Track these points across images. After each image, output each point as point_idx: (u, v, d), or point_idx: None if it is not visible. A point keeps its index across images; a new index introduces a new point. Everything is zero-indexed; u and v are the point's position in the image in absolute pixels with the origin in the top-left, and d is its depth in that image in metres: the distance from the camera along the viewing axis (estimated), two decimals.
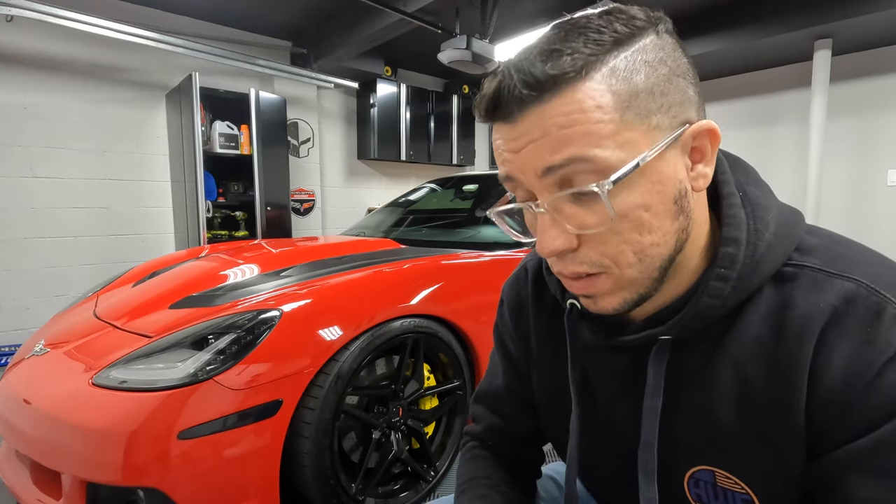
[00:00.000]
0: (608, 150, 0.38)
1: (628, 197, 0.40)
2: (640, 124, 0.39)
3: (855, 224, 4.00)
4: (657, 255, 0.42)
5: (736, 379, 0.44)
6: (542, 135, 0.39)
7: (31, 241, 3.09)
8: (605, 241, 0.41)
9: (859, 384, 0.38)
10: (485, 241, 2.16)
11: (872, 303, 0.39)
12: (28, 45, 2.98)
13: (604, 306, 0.45)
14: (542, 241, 0.42)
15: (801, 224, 0.47)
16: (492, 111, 0.42)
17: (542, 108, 0.39)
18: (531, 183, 0.42)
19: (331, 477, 1.30)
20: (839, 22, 3.19)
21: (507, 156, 0.42)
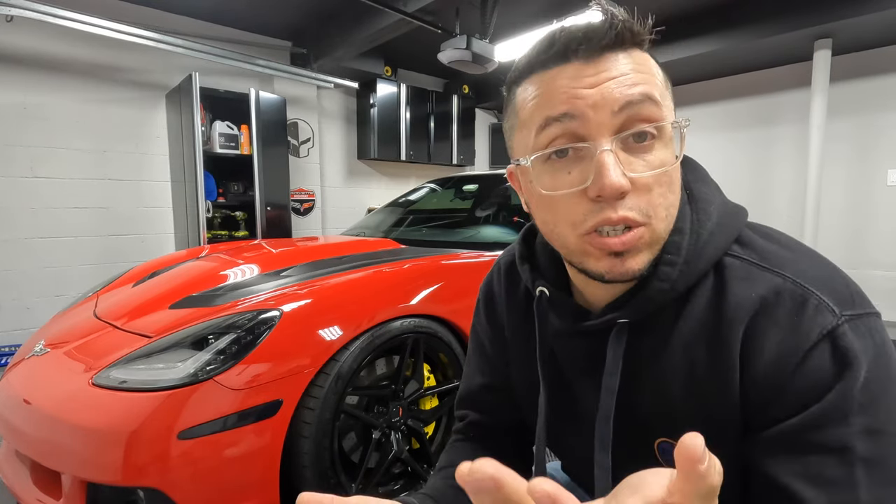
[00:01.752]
0: (665, 107, 0.45)
1: (668, 153, 0.45)
2: (670, 104, 0.47)
3: (855, 224, 4.00)
4: (673, 217, 0.47)
5: (685, 359, 0.48)
6: (621, 74, 0.43)
7: (31, 241, 3.09)
8: (649, 191, 0.44)
9: (787, 368, 0.42)
10: (485, 241, 2.16)
11: (797, 295, 0.43)
12: (28, 45, 2.98)
13: (631, 266, 0.45)
14: (609, 177, 0.42)
15: (743, 218, 0.51)
16: (576, 44, 0.44)
17: (622, 54, 0.44)
18: (599, 120, 0.43)
19: (331, 477, 1.30)
20: (839, 22, 3.19)
21: (577, 92, 0.44)
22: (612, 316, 0.50)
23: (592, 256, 0.47)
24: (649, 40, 0.46)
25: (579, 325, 0.53)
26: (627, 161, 0.44)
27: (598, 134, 0.43)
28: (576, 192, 0.45)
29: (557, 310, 0.56)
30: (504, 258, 0.69)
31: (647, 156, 0.44)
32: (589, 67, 0.44)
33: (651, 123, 0.44)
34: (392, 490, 1.51)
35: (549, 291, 0.55)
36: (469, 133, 5.25)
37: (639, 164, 0.44)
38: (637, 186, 0.44)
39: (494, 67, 3.23)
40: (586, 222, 0.45)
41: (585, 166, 0.44)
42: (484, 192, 2.58)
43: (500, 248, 1.97)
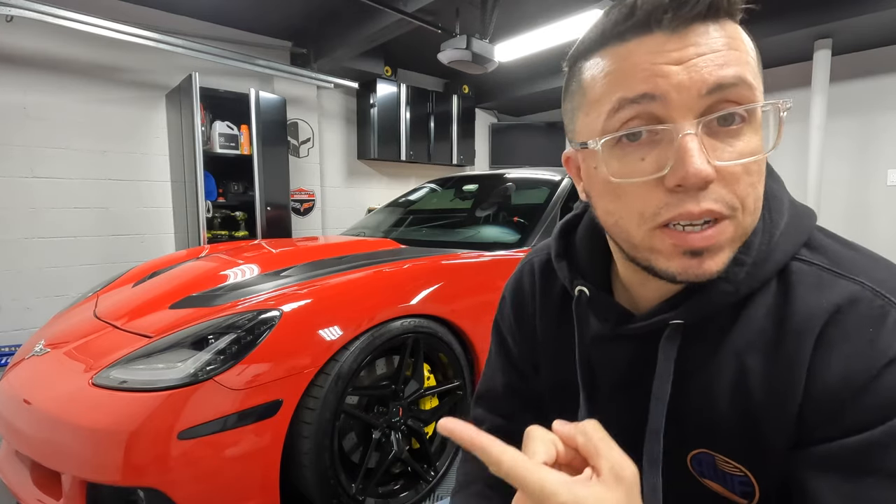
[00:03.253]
0: (757, 87, 0.39)
1: (758, 140, 0.40)
2: (761, 84, 0.41)
3: (855, 224, 4.00)
4: (759, 211, 0.42)
5: (737, 368, 0.44)
6: (712, 51, 0.38)
7: (31, 241, 3.09)
8: (738, 180, 0.39)
9: (856, 383, 0.38)
10: (485, 241, 2.16)
11: (876, 306, 0.39)
12: (28, 45, 2.98)
13: (710, 267, 0.40)
14: (693, 164, 0.37)
15: (813, 219, 0.47)
16: (661, 12, 0.38)
17: (713, 26, 0.39)
18: (684, 101, 0.38)
19: (331, 477, 1.30)
20: (839, 22, 3.18)
21: (660, 69, 0.38)
22: (663, 317, 0.45)
23: (662, 254, 0.41)
24: (744, 12, 0.40)
25: (623, 328, 0.49)
26: (713, 147, 0.39)
27: (680, 117, 0.38)
28: (649, 181, 0.40)
29: (598, 311, 0.52)
30: (538, 256, 0.64)
31: (736, 141, 0.39)
32: (675, 40, 0.38)
33: (742, 105, 0.38)
34: (392, 490, 1.51)
35: (589, 291, 0.52)
36: (469, 133, 5.25)
37: (725, 150, 0.39)
38: (723, 175, 0.39)
39: (494, 67, 3.23)
40: (660, 215, 0.40)
41: (662, 152, 0.39)
42: (484, 192, 2.58)
43: (501, 248, 1.97)
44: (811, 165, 3.68)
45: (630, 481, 0.34)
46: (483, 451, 0.34)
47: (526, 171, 2.57)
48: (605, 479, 0.34)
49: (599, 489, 0.33)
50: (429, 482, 1.56)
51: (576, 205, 0.62)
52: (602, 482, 0.34)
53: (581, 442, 0.36)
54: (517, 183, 2.49)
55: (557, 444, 0.37)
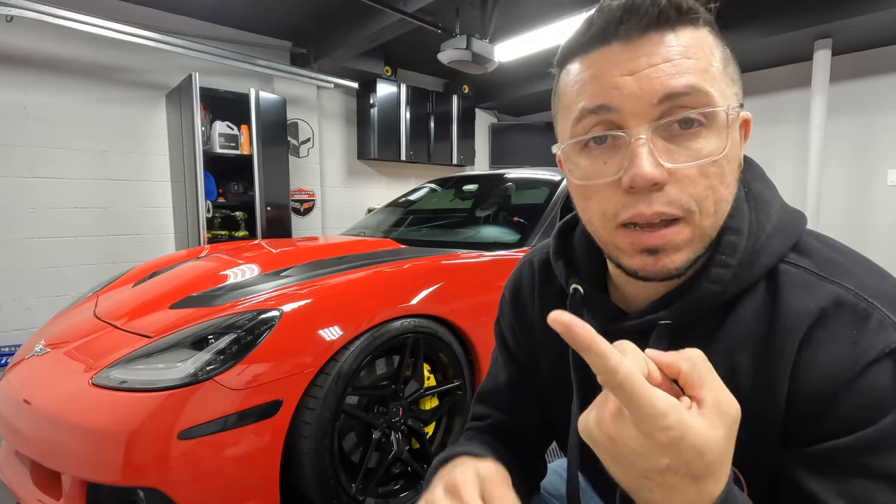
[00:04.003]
0: (717, 94, 0.41)
1: (720, 143, 0.41)
2: (730, 85, 0.43)
3: (854, 224, 4.00)
4: (724, 212, 0.44)
5: (727, 366, 0.45)
6: (664, 60, 0.40)
7: (31, 241, 3.09)
8: (693, 183, 0.41)
9: (841, 381, 0.39)
10: (485, 241, 2.16)
11: (860, 308, 0.40)
12: (28, 45, 2.98)
13: (667, 264, 0.43)
14: (640, 168, 0.40)
15: (802, 223, 0.48)
16: (614, 25, 0.41)
17: (668, 34, 0.40)
18: (636, 110, 0.40)
19: (331, 477, 1.30)
20: (839, 22, 3.18)
21: (614, 80, 0.41)
22: (653, 316, 0.47)
23: (625, 252, 0.44)
24: (704, 17, 0.41)
25: (616, 326, 0.50)
26: (668, 150, 0.41)
27: (634, 124, 0.41)
28: (610, 183, 0.42)
29: (592, 309, 0.53)
30: (538, 255, 0.66)
31: (693, 144, 0.41)
32: (629, 50, 0.40)
33: (688, 111, 0.40)
34: (392, 490, 1.51)
35: (583, 289, 0.53)
36: (469, 133, 5.25)
37: (682, 153, 0.41)
38: (678, 177, 0.41)
39: (494, 67, 3.23)
40: (618, 216, 0.43)
41: (621, 156, 0.42)
42: (484, 192, 2.58)
43: (501, 248, 1.97)
44: (811, 165, 3.68)
45: (733, 419, 0.32)
46: (601, 355, 0.30)
47: (526, 171, 2.56)
48: (709, 411, 0.31)
49: (704, 422, 0.31)
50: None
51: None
52: (706, 414, 0.31)
53: (686, 368, 0.33)
54: (517, 183, 2.49)
55: (649, 363, 0.33)
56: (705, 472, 0.31)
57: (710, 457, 0.30)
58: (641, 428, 0.30)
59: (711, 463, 0.31)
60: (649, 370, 0.33)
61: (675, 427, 0.29)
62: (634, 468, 0.32)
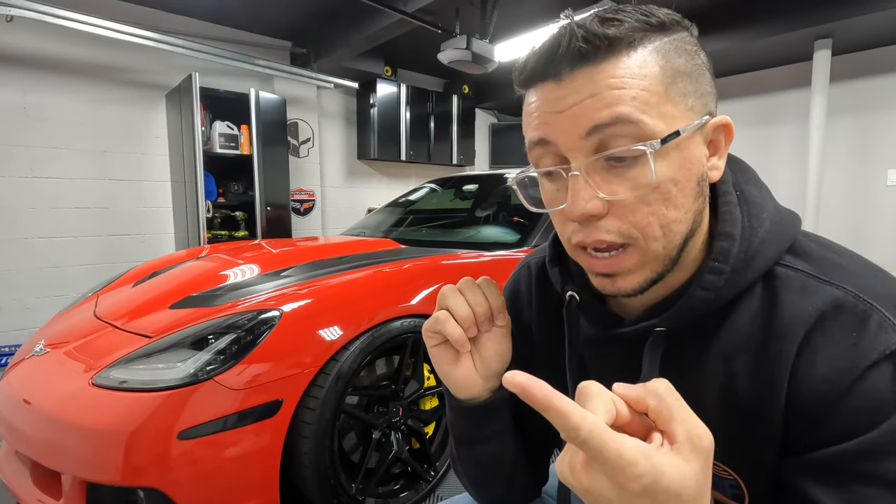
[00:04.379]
0: (652, 119, 0.40)
1: (661, 168, 0.41)
2: (679, 102, 0.42)
3: (854, 224, 4.00)
4: (678, 232, 0.44)
5: (724, 372, 0.45)
6: (591, 95, 0.40)
7: (31, 241, 3.09)
8: (633, 211, 0.42)
9: (842, 384, 0.38)
10: (485, 241, 2.16)
11: (859, 311, 0.40)
12: (28, 45, 2.98)
13: (622, 286, 0.44)
14: (574, 203, 0.42)
15: (797, 226, 0.48)
16: (543, 66, 0.42)
17: (594, 68, 0.40)
18: (569, 144, 0.42)
19: (331, 477, 1.30)
20: (839, 22, 3.19)
21: (547, 117, 0.42)
22: (647, 324, 0.47)
23: (588, 271, 0.47)
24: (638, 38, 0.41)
25: (611, 332, 0.50)
26: (606, 181, 0.41)
27: (571, 157, 0.42)
28: (561, 210, 0.44)
29: (588, 315, 0.53)
30: (535, 259, 0.66)
31: (630, 173, 0.41)
32: (559, 88, 0.42)
33: (618, 148, 0.40)
34: (392, 490, 1.51)
35: (579, 296, 0.53)
36: (469, 133, 5.25)
37: (619, 184, 0.41)
38: (617, 207, 0.42)
39: (494, 67, 3.23)
40: (571, 240, 0.45)
41: (565, 186, 0.43)
42: (484, 192, 2.58)
43: (501, 248, 1.97)
44: (811, 165, 3.68)
45: (707, 450, 0.31)
46: (561, 414, 0.29)
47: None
48: (682, 447, 0.30)
49: (677, 460, 0.30)
50: (429, 482, 1.56)
51: None
52: (679, 451, 0.30)
53: (653, 405, 0.32)
54: None
55: (617, 402, 0.33)
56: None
57: (687, 496, 0.30)
58: (613, 479, 0.29)
59: (689, 500, 0.30)
60: (617, 409, 0.32)
61: (647, 474, 0.29)
62: None
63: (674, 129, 0.40)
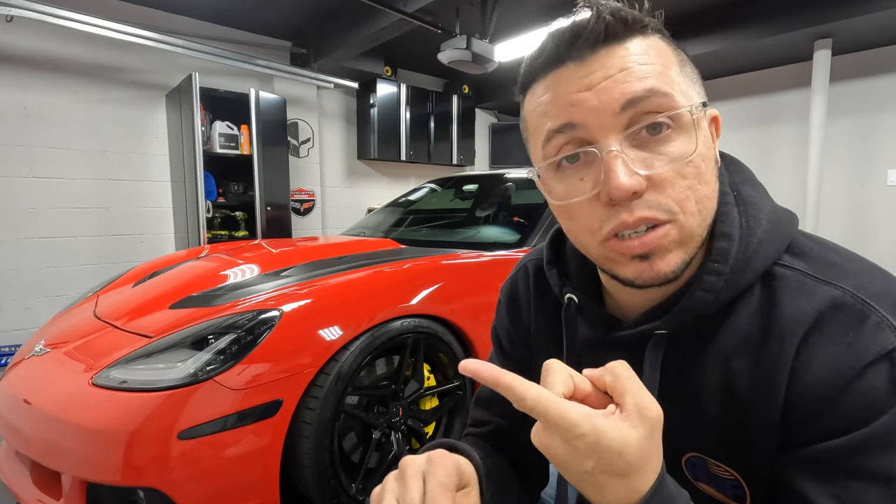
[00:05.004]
0: (678, 94, 0.41)
1: (690, 143, 0.42)
2: (692, 85, 0.44)
3: (855, 224, 4.00)
4: (710, 210, 0.44)
5: (723, 373, 0.45)
6: (620, 70, 0.41)
7: (31, 241, 3.09)
8: (672, 184, 0.41)
9: (838, 384, 0.39)
10: (485, 241, 2.16)
11: (857, 310, 0.40)
12: (28, 45, 2.98)
13: (661, 269, 0.43)
14: (616, 180, 0.40)
15: (794, 225, 0.48)
16: (565, 47, 0.42)
17: (619, 46, 0.41)
18: (601, 123, 0.41)
19: (331, 477, 1.30)
20: (839, 22, 3.18)
21: (573, 98, 0.42)
22: (647, 326, 0.47)
23: (617, 263, 0.44)
24: (652, 25, 0.43)
25: (611, 336, 0.50)
26: (641, 158, 0.41)
27: (602, 136, 0.41)
28: (590, 198, 0.43)
29: (587, 318, 0.53)
30: (532, 260, 0.65)
31: (665, 147, 0.41)
32: (583, 67, 0.41)
33: (657, 115, 0.40)
34: None
35: (577, 299, 0.53)
36: (469, 133, 5.25)
37: (655, 158, 0.41)
38: (655, 182, 0.41)
39: (494, 67, 3.23)
40: (603, 228, 0.43)
41: (596, 170, 0.42)
42: (484, 192, 2.58)
43: (501, 248, 1.97)
44: (811, 165, 3.68)
45: (654, 420, 0.34)
46: (508, 388, 0.34)
47: (526, 172, 2.56)
48: (629, 414, 0.33)
49: (622, 424, 0.33)
50: None
51: None
52: (625, 417, 0.33)
53: (609, 381, 0.36)
54: (517, 183, 2.49)
55: (575, 377, 0.37)
56: (629, 469, 0.33)
57: (630, 456, 0.33)
58: (562, 437, 0.33)
59: (634, 461, 0.33)
60: (575, 383, 0.36)
61: (590, 434, 0.32)
62: (569, 471, 0.34)
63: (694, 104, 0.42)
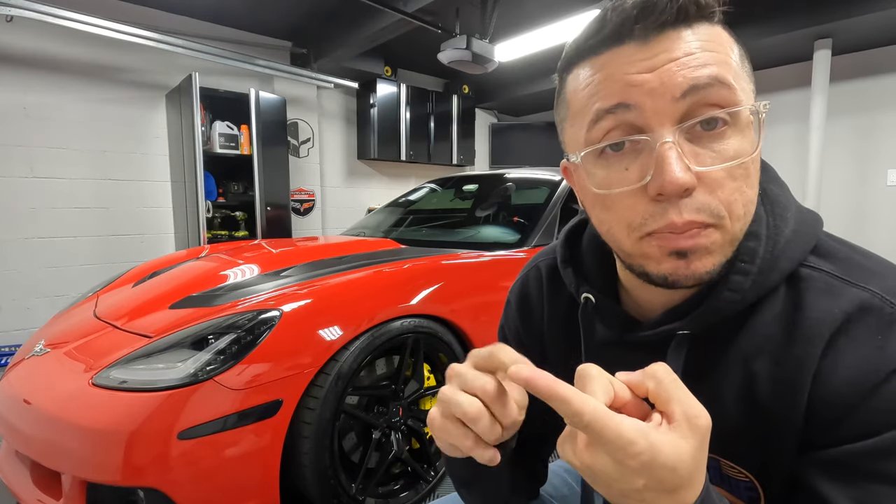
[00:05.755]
0: (738, 87, 0.39)
1: (746, 142, 0.39)
2: (749, 82, 0.41)
3: (855, 224, 4.00)
4: (751, 214, 0.42)
5: (744, 374, 0.44)
6: (686, 54, 0.38)
7: (31, 241, 3.09)
8: (722, 186, 0.39)
9: (864, 387, 0.38)
10: (485, 241, 2.16)
11: (886, 313, 0.39)
12: (28, 45, 2.98)
13: (698, 268, 0.40)
14: (671, 174, 0.37)
15: (819, 226, 0.47)
16: (630, 24, 0.39)
17: (686, 31, 0.39)
18: (659, 108, 0.38)
19: (331, 477, 1.30)
20: (839, 22, 3.19)
21: (632, 78, 0.39)
22: (670, 327, 0.45)
23: (653, 259, 0.42)
24: (721, 12, 0.40)
25: (630, 336, 0.49)
26: (694, 153, 0.38)
27: (657, 124, 0.38)
28: (634, 190, 0.40)
29: (604, 318, 0.52)
30: (544, 260, 0.63)
31: (719, 145, 0.39)
32: (646, 49, 0.38)
33: (722, 109, 0.38)
34: (392, 490, 1.51)
35: (595, 298, 0.51)
36: (469, 133, 5.25)
37: (708, 155, 0.39)
38: (706, 181, 0.38)
39: (494, 67, 3.23)
40: (646, 225, 0.40)
41: (644, 161, 0.39)
42: (484, 192, 2.58)
43: (501, 248, 1.97)
44: (811, 165, 3.68)
45: (704, 429, 0.32)
46: (564, 401, 0.30)
47: (526, 171, 2.56)
48: (679, 425, 0.31)
49: (674, 437, 0.31)
50: (429, 482, 1.56)
51: (581, 209, 0.62)
52: (675, 429, 0.31)
53: (652, 387, 0.33)
54: (517, 183, 2.49)
55: (615, 383, 0.34)
56: (680, 484, 0.31)
57: (683, 470, 0.31)
58: (614, 456, 0.31)
59: (686, 475, 0.31)
60: (615, 390, 0.33)
61: (646, 451, 0.30)
62: (612, 489, 0.32)
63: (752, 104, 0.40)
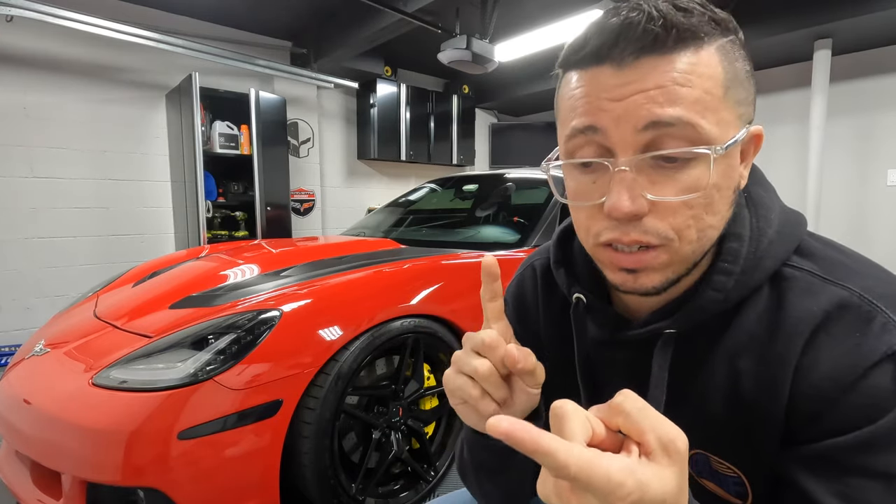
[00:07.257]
0: (709, 124, 0.39)
1: (706, 174, 0.40)
2: (734, 109, 0.41)
3: (854, 224, 4.00)
4: (710, 239, 0.44)
5: (729, 371, 0.45)
6: (657, 86, 0.38)
7: (31, 241, 3.09)
8: (675, 213, 0.41)
9: (843, 383, 0.39)
10: (485, 241, 2.16)
11: (864, 311, 0.40)
12: (28, 45, 2.98)
13: (644, 283, 0.43)
14: (620, 200, 0.40)
15: (803, 226, 0.48)
16: (607, 47, 0.39)
17: (661, 59, 0.39)
18: (621, 137, 0.40)
19: (331, 477, 1.30)
20: (839, 22, 3.19)
21: (602, 103, 0.40)
22: (656, 326, 0.47)
23: (608, 267, 0.46)
24: (710, 33, 0.39)
25: (619, 335, 0.50)
26: (652, 181, 0.40)
27: (620, 151, 0.40)
28: (595, 205, 0.43)
29: (596, 318, 0.53)
30: (538, 260, 0.65)
31: (680, 176, 0.40)
32: (620, 74, 0.40)
33: (678, 149, 0.39)
34: (392, 490, 1.51)
35: (586, 298, 0.53)
36: (469, 133, 5.25)
37: (667, 185, 0.40)
38: (659, 208, 0.41)
39: (494, 67, 3.23)
40: (601, 236, 0.44)
41: (605, 181, 0.42)
42: (484, 192, 2.58)
43: (501, 248, 1.97)
44: (811, 165, 3.68)
45: (683, 451, 0.32)
46: (549, 454, 0.29)
47: (526, 171, 2.56)
48: (657, 454, 0.31)
49: (657, 469, 0.31)
50: (429, 482, 1.56)
51: None
52: (655, 459, 0.31)
53: (622, 422, 0.33)
54: (517, 183, 2.49)
55: (591, 419, 0.34)
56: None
57: (671, 499, 0.31)
58: (603, 500, 0.30)
59: (672, 502, 0.31)
60: (593, 428, 0.33)
61: (635, 491, 0.29)
62: None
63: (728, 136, 0.40)
